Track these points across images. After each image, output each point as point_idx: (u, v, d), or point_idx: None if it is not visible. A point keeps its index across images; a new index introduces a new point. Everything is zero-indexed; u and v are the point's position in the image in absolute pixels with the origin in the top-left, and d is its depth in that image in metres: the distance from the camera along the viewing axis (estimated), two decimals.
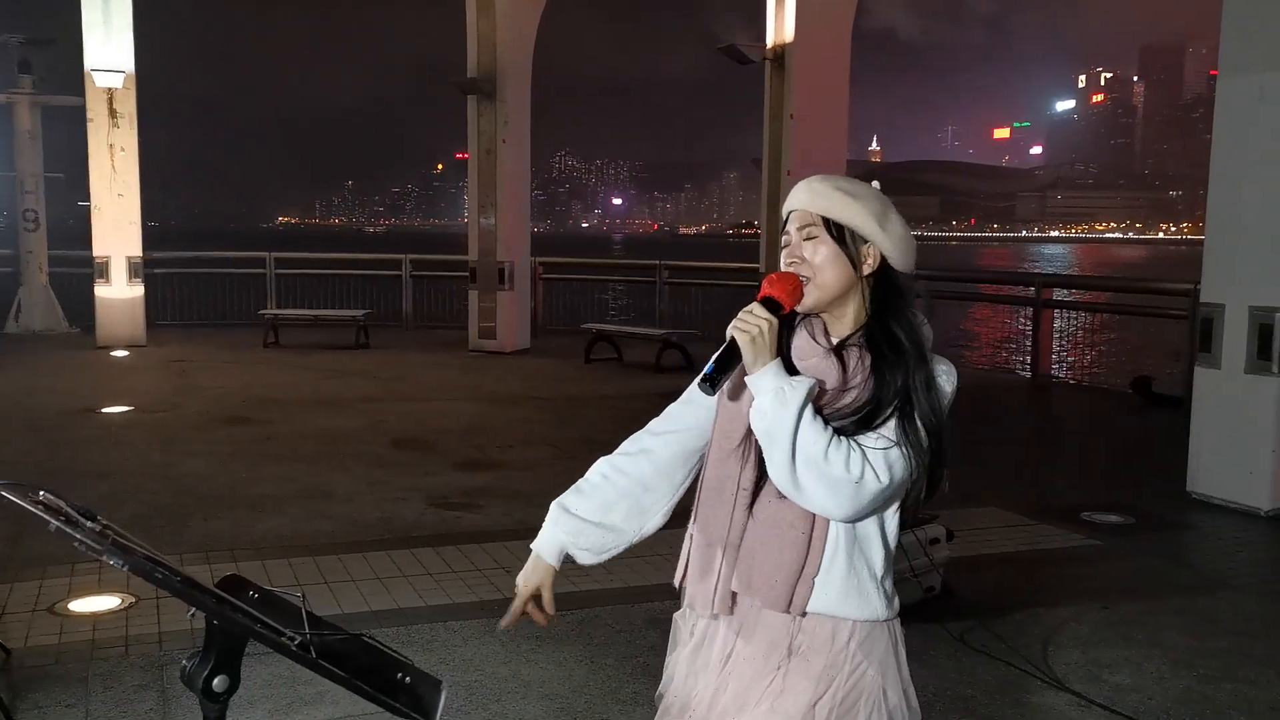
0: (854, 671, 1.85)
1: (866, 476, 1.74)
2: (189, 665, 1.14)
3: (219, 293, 15.99)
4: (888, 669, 1.88)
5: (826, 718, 1.83)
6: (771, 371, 1.77)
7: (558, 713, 3.47)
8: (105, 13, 12.52)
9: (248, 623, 1.05)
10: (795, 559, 1.82)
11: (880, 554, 1.87)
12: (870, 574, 1.85)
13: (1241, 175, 6.16)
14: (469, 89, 13.17)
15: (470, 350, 13.08)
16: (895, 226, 1.90)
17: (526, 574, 2.07)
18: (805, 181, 1.95)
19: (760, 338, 1.77)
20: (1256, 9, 6.09)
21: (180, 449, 7.38)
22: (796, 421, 1.73)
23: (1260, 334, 6.03)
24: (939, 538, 4.49)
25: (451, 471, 6.88)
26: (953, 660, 3.95)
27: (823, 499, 1.76)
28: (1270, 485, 6.09)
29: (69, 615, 4.23)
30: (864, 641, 1.86)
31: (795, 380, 1.77)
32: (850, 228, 1.87)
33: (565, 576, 5.16)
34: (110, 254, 12.86)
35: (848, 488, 1.74)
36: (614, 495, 2.04)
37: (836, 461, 1.73)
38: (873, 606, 1.86)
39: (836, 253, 1.87)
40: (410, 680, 1.06)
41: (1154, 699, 3.68)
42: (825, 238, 1.87)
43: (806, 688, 1.84)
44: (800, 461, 1.73)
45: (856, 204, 1.87)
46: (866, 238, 1.88)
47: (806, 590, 1.83)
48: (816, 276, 1.87)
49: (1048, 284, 12.08)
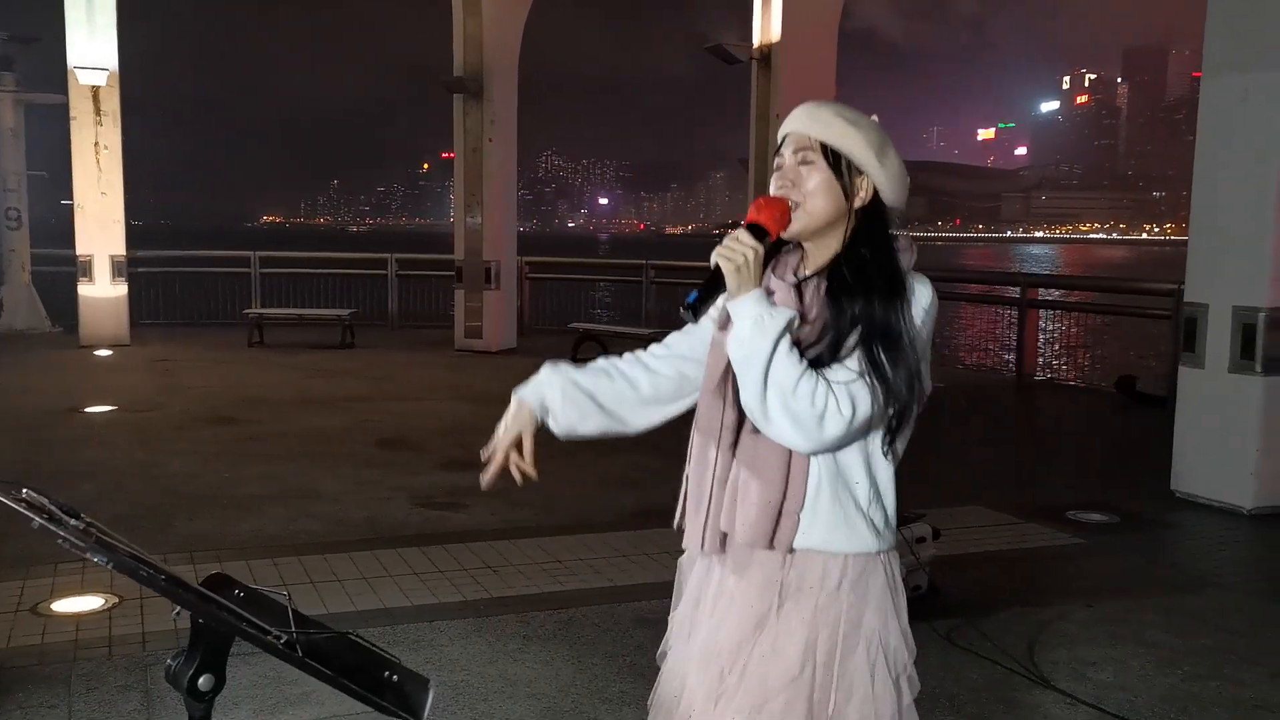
0: (849, 611, 1.83)
1: (829, 411, 1.72)
2: (174, 664, 1.12)
3: (203, 292, 15.90)
4: (885, 609, 1.86)
5: (825, 661, 1.82)
6: (752, 299, 1.75)
7: (544, 712, 3.46)
8: (89, 10, 12.44)
9: (233, 621, 1.04)
10: (774, 495, 1.81)
11: (866, 484, 1.84)
12: (856, 506, 1.83)
13: (1225, 176, 6.19)
14: (455, 88, 13.14)
15: (456, 350, 13.05)
16: (892, 161, 1.87)
17: (507, 421, 2.01)
18: (806, 105, 1.91)
19: (745, 266, 1.75)
20: (1240, 11, 6.12)
21: (164, 448, 7.34)
22: (772, 350, 1.72)
23: (1244, 333, 6.06)
24: (925, 536, 4.50)
25: (437, 471, 6.86)
26: (939, 659, 3.96)
27: (788, 432, 1.74)
28: (1254, 484, 6.12)
29: (52, 616, 4.19)
30: (857, 580, 1.84)
31: (776, 310, 1.75)
32: (847, 157, 1.84)
33: (551, 576, 5.16)
34: (94, 253, 12.78)
35: (810, 422, 1.72)
36: (607, 384, 2.02)
37: (803, 395, 1.71)
38: (862, 538, 1.83)
39: (830, 181, 1.84)
40: (398, 679, 1.05)
41: (1139, 697, 3.69)
42: (821, 164, 1.84)
43: (801, 630, 1.82)
44: (771, 391, 1.72)
45: (857, 133, 1.84)
46: (862, 169, 1.85)
47: (790, 525, 1.81)
48: (806, 203, 1.84)
49: (1033, 284, 12.12)
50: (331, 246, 28.99)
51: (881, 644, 1.85)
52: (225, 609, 1.07)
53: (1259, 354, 6.02)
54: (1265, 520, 6.06)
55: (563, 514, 5.90)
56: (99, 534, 1.14)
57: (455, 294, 13.48)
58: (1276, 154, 5.91)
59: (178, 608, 1.06)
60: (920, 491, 5.92)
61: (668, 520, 2.05)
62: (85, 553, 1.06)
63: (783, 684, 1.82)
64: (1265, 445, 6.09)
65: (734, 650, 1.87)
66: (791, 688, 1.82)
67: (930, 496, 5.86)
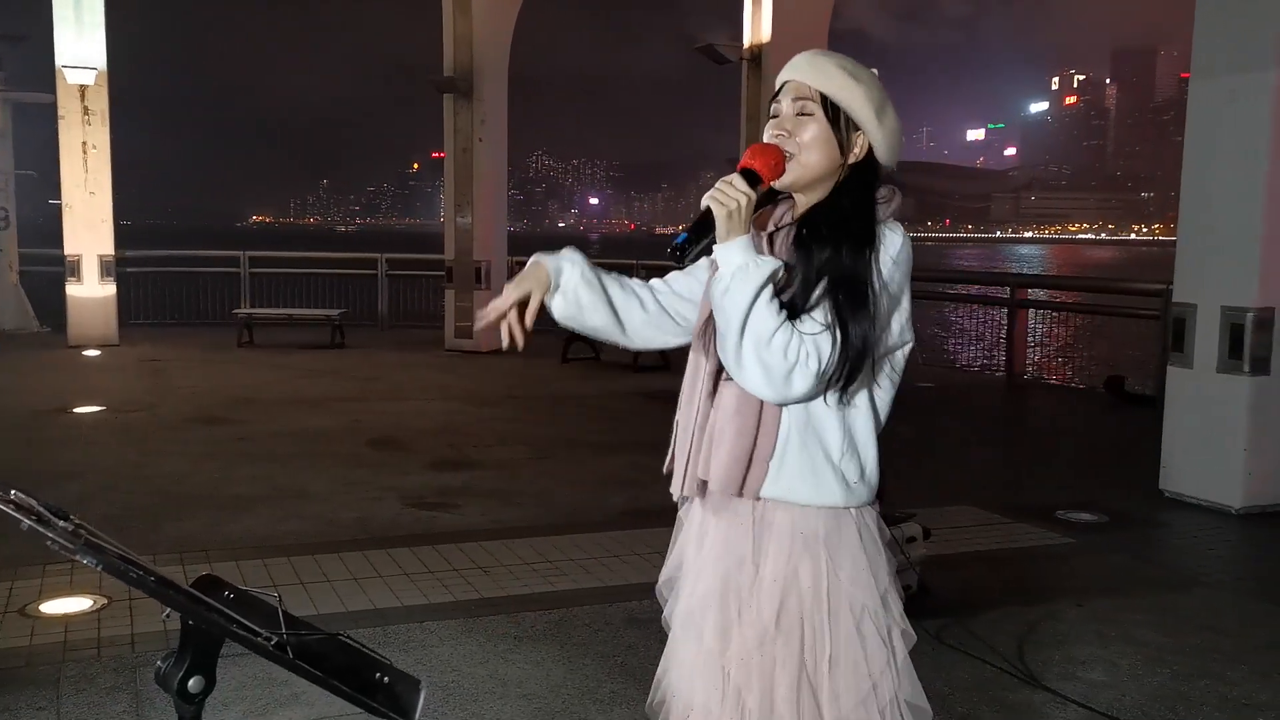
0: (822, 565, 1.82)
1: (798, 364, 1.72)
2: (164, 666, 1.12)
3: (192, 292, 15.87)
4: (859, 564, 1.84)
5: (807, 614, 1.82)
6: (739, 246, 1.75)
7: (536, 712, 3.46)
8: (77, 9, 12.40)
9: (223, 623, 1.04)
10: (745, 442, 1.81)
11: (839, 436, 1.82)
12: (826, 457, 1.82)
13: (1213, 176, 6.22)
14: (446, 88, 13.13)
15: (446, 350, 13.04)
16: (890, 120, 1.86)
17: (519, 279, 1.95)
18: (807, 53, 1.89)
19: (736, 212, 1.74)
20: (1228, 13, 6.15)
21: (153, 449, 7.31)
22: (753, 299, 1.71)
23: (1232, 334, 6.08)
24: (915, 536, 4.51)
25: (428, 471, 6.85)
26: (929, 658, 3.96)
27: (758, 381, 1.75)
28: (1242, 483, 6.15)
29: (40, 617, 4.17)
30: (828, 536, 1.83)
31: (762, 259, 1.75)
32: (847, 111, 1.83)
33: (542, 576, 5.15)
34: (82, 252, 12.74)
35: (780, 374, 1.72)
36: (619, 289, 2.01)
37: (778, 347, 1.71)
38: (829, 491, 1.82)
39: (828, 135, 1.83)
40: (389, 680, 1.05)
41: (1128, 696, 3.70)
42: (820, 116, 1.83)
43: (777, 582, 1.83)
44: (747, 339, 1.72)
45: (858, 88, 1.82)
46: (860, 125, 1.84)
47: (760, 473, 1.82)
48: (801, 154, 1.83)
49: (1022, 284, 12.16)
50: (320, 246, 28.91)
51: (864, 601, 1.83)
52: (215, 610, 1.07)
53: (1247, 354, 6.04)
54: (1253, 519, 6.09)
55: (554, 514, 5.90)
56: (88, 535, 1.14)
57: (446, 294, 13.47)
58: (1264, 154, 5.93)
59: (168, 609, 1.05)
60: (910, 491, 5.94)
61: (660, 520, 2.05)
62: (74, 554, 1.05)
63: (766, 638, 1.83)
64: (1253, 445, 6.12)
65: (720, 597, 1.88)
66: (773, 641, 1.82)
67: (920, 496, 5.88)
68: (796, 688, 1.82)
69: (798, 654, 1.82)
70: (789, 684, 1.82)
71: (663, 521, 2.07)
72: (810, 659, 1.82)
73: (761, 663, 1.83)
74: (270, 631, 1.06)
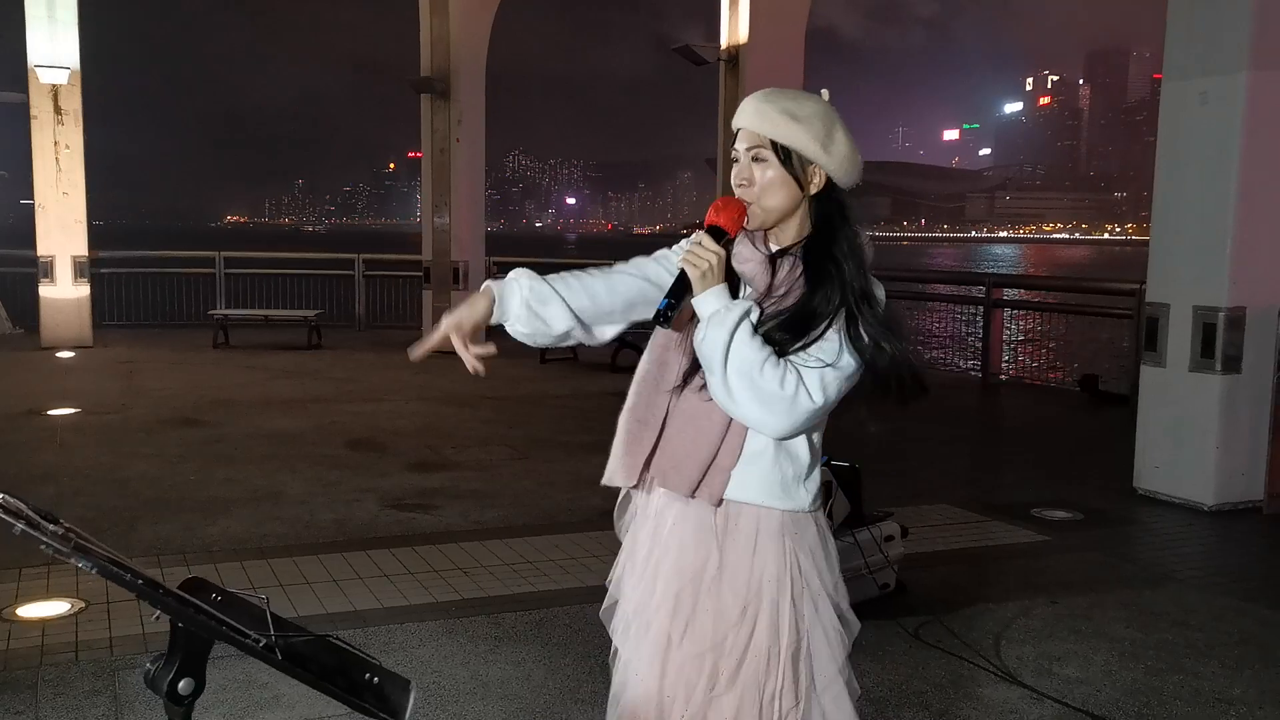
0: (788, 565, 1.92)
1: (800, 394, 1.81)
2: (153, 668, 1.13)
3: (167, 293, 15.74)
4: (818, 558, 1.96)
5: (769, 607, 1.90)
6: (714, 295, 1.86)
7: (517, 713, 3.47)
8: (49, 7, 12.29)
9: (214, 625, 1.05)
10: (706, 451, 1.90)
11: (806, 457, 1.94)
12: (796, 475, 1.93)
13: (1185, 177, 6.29)
14: (423, 87, 13.10)
15: None
16: (840, 146, 1.95)
17: (460, 309, 1.97)
18: (752, 98, 2.00)
19: (710, 271, 1.86)
20: (1199, 16, 6.22)
21: (128, 451, 7.26)
22: (729, 340, 1.81)
23: (1204, 333, 6.16)
24: (894, 535, 4.54)
25: (406, 473, 6.84)
26: (907, 655, 4.00)
27: (758, 414, 1.83)
28: (1214, 481, 6.22)
29: (16, 621, 4.14)
30: (791, 532, 1.93)
31: (734, 302, 1.85)
32: (795, 150, 1.93)
33: (522, 577, 5.15)
34: (55, 253, 12.62)
35: (781, 404, 1.81)
36: (576, 285, 2.02)
37: (771, 377, 1.80)
38: (796, 500, 1.93)
39: (783, 176, 1.94)
40: (378, 681, 1.06)
41: (1103, 691, 3.75)
42: (772, 160, 1.94)
43: (743, 576, 1.91)
44: (733, 376, 1.81)
45: (799, 127, 1.92)
46: (811, 160, 1.93)
47: (721, 481, 1.91)
48: (762, 198, 1.94)
49: (998, 284, 12.24)
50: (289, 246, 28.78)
51: (823, 590, 1.95)
52: (205, 613, 1.08)
53: (1219, 353, 6.12)
54: (1225, 516, 6.17)
55: (531, 515, 5.90)
56: (78, 539, 1.14)
57: (423, 295, 13.43)
58: (1235, 156, 6.01)
59: (158, 612, 1.06)
60: (886, 490, 5.98)
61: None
62: (68, 558, 1.06)
63: (729, 627, 1.91)
64: (1225, 443, 6.20)
65: (677, 594, 1.95)
66: (736, 632, 1.91)
67: (896, 495, 5.92)
68: (751, 684, 1.91)
69: (763, 644, 1.91)
70: (746, 680, 1.91)
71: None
72: (773, 648, 1.91)
73: (721, 660, 1.91)
74: (259, 634, 1.07)
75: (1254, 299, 6.11)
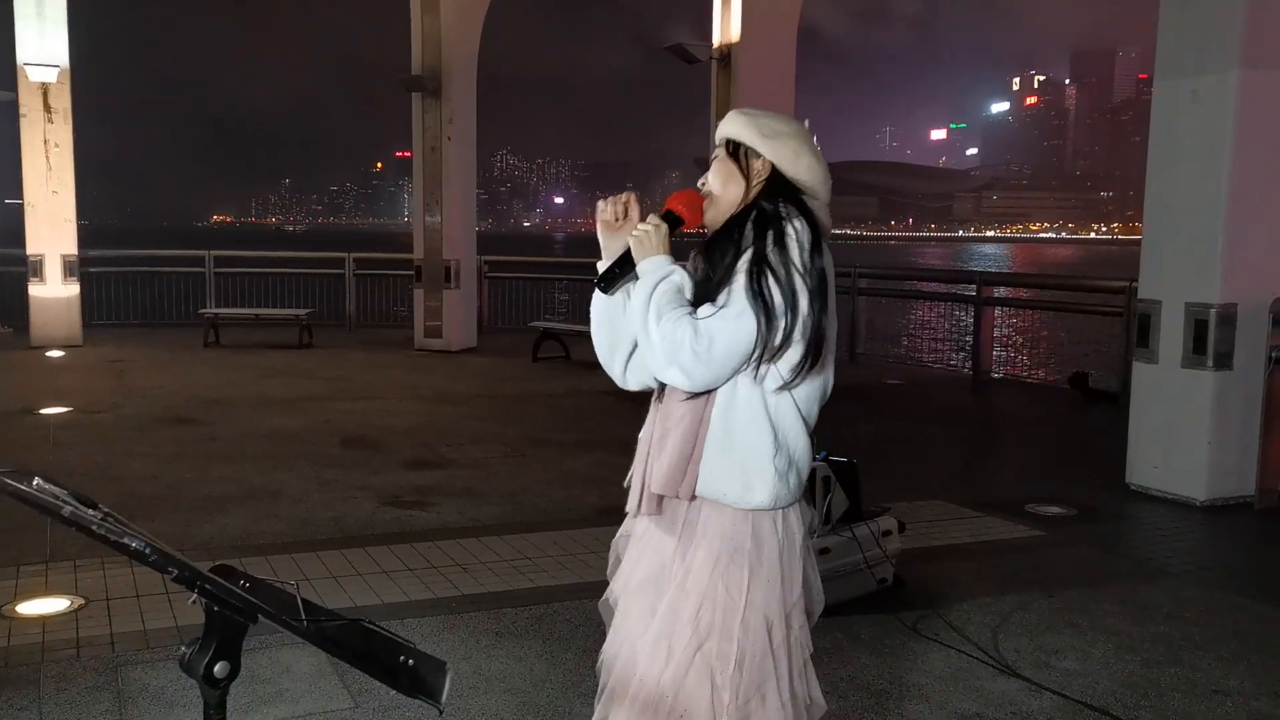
0: (743, 585, 1.96)
1: (684, 342, 1.88)
2: (189, 653, 1.14)
3: (157, 292, 15.68)
4: (773, 580, 1.99)
5: (724, 607, 1.96)
6: (651, 261, 1.99)
7: (520, 707, 3.48)
8: (38, 5, 12.24)
9: (260, 604, 1.06)
10: (683, 448, 1.97)
11: (765, 437, 1.96)
12: (751, 457, 1.95)
13: (1176, 175, 6.34)
14: (414, 86, 13.08)
15: (416, 349, 13.00)
16: (788, 140, 2.06)
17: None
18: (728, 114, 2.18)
19: (646, 238, 2.00)
20: (1191, 15, 6.27)
21: (122, 450, 7.25)
22: (649, 295, 1.94)
23: (1196, 329, 6.21)
24: (891, 530, 4.57)
25: (401, 470, 6.84)
26: (906, 649, 4.03)
27: (660, 367, 1.94)
28: (1206, 476, 6.27)
29: (16, 618, 4.14)
30: (751, 546, 1.98)
31: (663, 261, 1.98)
32: (740, 143, 2.08)
33: (521, 573, 5.15)
34: (45, 252, 12.58)
35: (675, 353, 1.89)
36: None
37: (667, 326, 1.90)
38: (759, 490, 1.96)
39: (729, 169, 2.08)
40: (413, 663, 1.08)
41: (1100, 683, 3.78)
42: (722, 155, 2.10)
43: (704, 573, 1.98)
44: (648, 330, 1.93)
45: (745, 119, 2.09)
46: (755, 149, 2.06)
47: (692, 475, 1.98)
48: (716, 192, 2.09)
49: (988, 282, 12.29)
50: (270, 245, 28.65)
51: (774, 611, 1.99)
52: (241, 598, 1.09)
53: (1210, 349, 6.17)
54: (1217, 511, 6.22)
55: (529, 512, 5.91)
56: (117, 522, 1.15)
57: (415, 293, 13.42)
58: (1226, 154, 6.06)
59: (194, 595, 1.07)
60: (881, 487, 6.00)
61: None
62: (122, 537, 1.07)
63: (688, 619, 1.98)
64: (1216, 438, 6.24)
65: (651, 585, 2.04)
66: (693, 626, 1.97)
67: (892, 492, 5.94)
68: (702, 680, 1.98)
69: (709, 652, 1.97)
70: (695, 677, 1.97)
71: None
72: (716, 659, 1.97)
73: (676, 652, 1.99)
74: (297, 618, 1.08)
75: (1245, 295, 6.16)
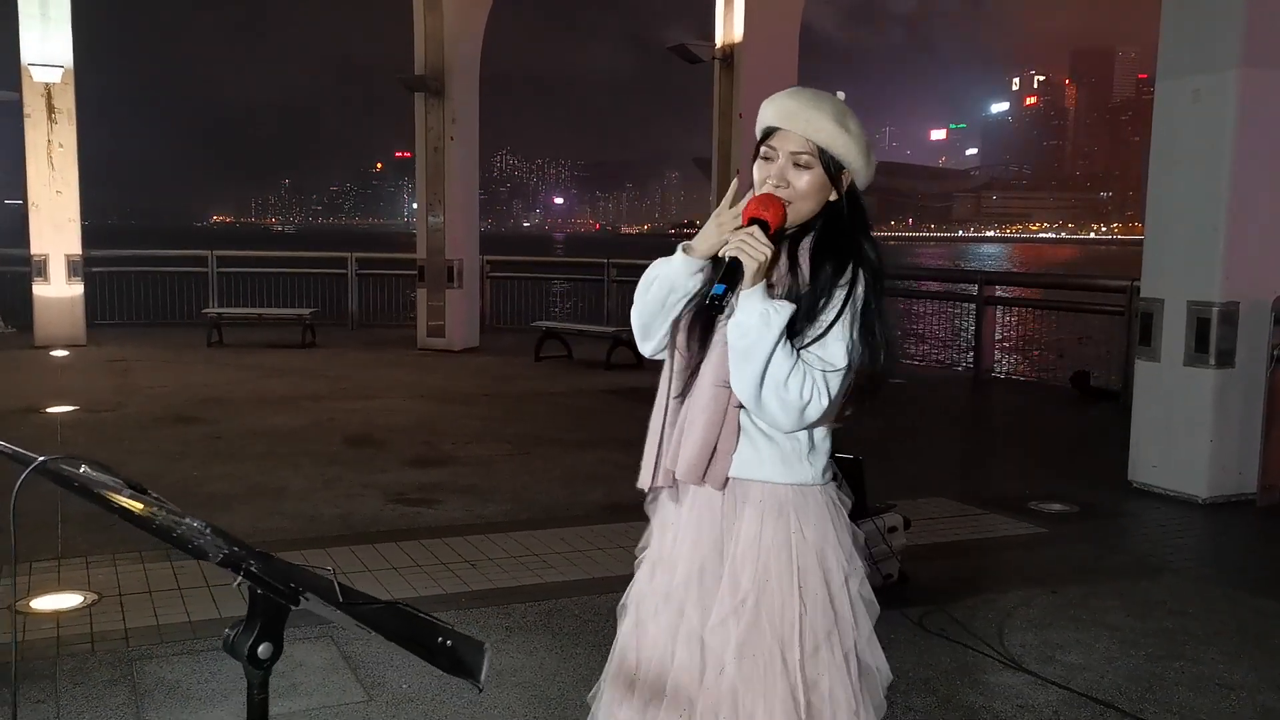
0: (792, 538, 1.97)
1: (813, 401, 1.88)
2: (232, 634, 1.18)
3: (160, 292, 15.72)
4: (825, 530, 2.00)
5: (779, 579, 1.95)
6: (759, 293, 1.89)
7: (532, 700, 3.52)
8: (42, 5, 12.27)
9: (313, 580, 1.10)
10: (708, 438, 1.96)
11: (805, 433, 1.98)
12: (795, 450, 1.98)
13: (1178, 174, 6.37)
14: (416, 86, 13.12)
15: (419, 349, 13.04)
16: (872, 154, 2.03)
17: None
18: (796, 102, 2.00)
19: (764, 265, 1.88)
20: (1192, 14, 6.30)
21: (126, 448, 7.28)
22: (774, 345, 1.86)
23: (1198, 327, 6.24)
24: (896, 526, 4.61)
25: (406, 468, 6.87)
26: (912, 644, 4.06)
27: (775, 416, 1.90)
28: (1207, 474, 6.30)
29: (30, 613, 4.17)
30: (796, 504, 1.98)
31: (779, 304, 1.89)
32: (840, 159, 1.98)
33: (528, 569, 5.18)
34: (48, 252, 12.62)
35: (796, 410, 1.88)
36: None
37: (794, 387, 1.86)
38: (798, 473, 1.99)
39: (823, 182, 1.98)
40: (451, 644, 1.11)
41: (1105, 677, 3.81)
42: (818, 169, 1.97)
43: (749, 557, 1.97)
44: (768, 382, 1.87)
45: (850, 139, 1.97)
46: (848, 167, 1.99)
47: (723, 465, 1.97)
48: (797, 202, 1.97)
49: (990, 281, 12.33)
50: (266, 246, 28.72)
51: (831, 562, 1.99)
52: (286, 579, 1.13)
53: (1212, 347, 6.20)
54: (1218, 508, 6.25)
55: (534, 509, 5.95)
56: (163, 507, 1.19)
57: (418, 293, 13.46)
58: (1228, 152, 6.09)
59: (239, 577, 1.11)
60: (885, 484, 6.03)
61: (639, 514, 2.18)
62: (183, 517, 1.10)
63: (740, 600, 1.96)
64: (1218, 436, 6.28)
65: (700, 576, 2.01)
66: (747, 605, 1.95)
67: (895, 489, 5.97)
68: (770, 647, 1.95)
69: (774, 614, 1.96)
70: (764, 644, 1.95)
71: (641, 516, 2.19)
72: (781, 619, 1.96)
73: (738, 626, 1.96)
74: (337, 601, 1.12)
75: (1247, 293, 6.20)
